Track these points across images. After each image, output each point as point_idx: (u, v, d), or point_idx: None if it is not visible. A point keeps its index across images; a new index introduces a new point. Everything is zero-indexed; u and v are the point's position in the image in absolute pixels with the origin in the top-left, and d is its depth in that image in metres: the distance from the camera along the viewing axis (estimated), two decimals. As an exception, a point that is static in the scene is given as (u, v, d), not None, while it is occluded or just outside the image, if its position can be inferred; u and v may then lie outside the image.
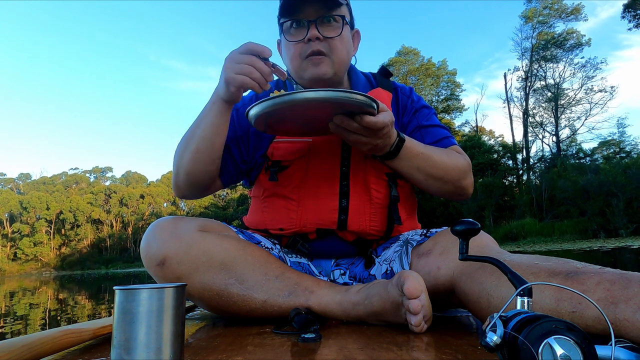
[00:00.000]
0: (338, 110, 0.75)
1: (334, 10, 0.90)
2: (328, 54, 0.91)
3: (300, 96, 0.69)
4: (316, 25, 0.89)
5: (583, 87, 25.98)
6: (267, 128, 0.83)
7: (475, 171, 24.89)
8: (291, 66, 0.96)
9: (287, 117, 0.77)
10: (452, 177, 0.91)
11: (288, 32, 0.92)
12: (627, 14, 23.26)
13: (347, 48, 0.95)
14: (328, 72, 0.91)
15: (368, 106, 0.73)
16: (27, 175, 60.41)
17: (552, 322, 0.37)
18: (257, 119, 0.76)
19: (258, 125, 0.80)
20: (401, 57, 30.88)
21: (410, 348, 0.59)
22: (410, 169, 0.89)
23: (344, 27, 0.92)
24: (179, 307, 0.50)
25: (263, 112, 0.73)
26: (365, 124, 0.75)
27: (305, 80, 0.94)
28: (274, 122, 0.80)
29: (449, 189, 0.93)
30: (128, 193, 52.64)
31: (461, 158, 0.95)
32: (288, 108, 0.72)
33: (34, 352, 0.56)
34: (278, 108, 0.72)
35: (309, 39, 0.89)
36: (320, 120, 0.79)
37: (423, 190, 0.97)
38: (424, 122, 1.01)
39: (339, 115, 0.76)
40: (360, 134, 0.78)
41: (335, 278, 0.98)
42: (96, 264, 44.75)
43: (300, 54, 0.91)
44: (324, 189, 0.93)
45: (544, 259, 0.66)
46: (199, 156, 0.88)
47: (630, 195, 16.53)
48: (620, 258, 6.67)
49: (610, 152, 24.33)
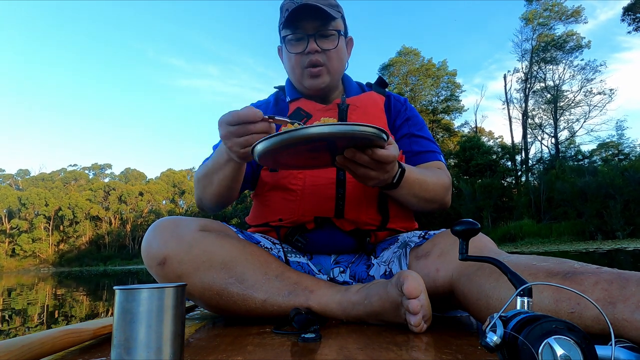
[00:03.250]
0: (348, 144, 0.72)
1: (330, 25, 0.98)
2: (325, 63, 1.00)
3: (313, 131, 0.65)
4: (315, 39, 0.98)
5: (582, 90, 26.08)
6: (274, 163, 0.79)
7: (474, 172, 25.01)
8: (292, 75, 1.05)
9: (295, 151, 0.73)
10: (439, 196, 0.95)
11: (289, 44, 1.01)
12: (627, 17, 23.31)
13: (342, 58, 1.05)
14: (325, 82, 1.01)
15: (379, 138, 0.70)
16: (26, 171, 60.29)
17: (552, 322, 0.37)
18: (265, 154, 0.71)
19: (265, 160, 0.74)
20: (401, 57, 30.91)
21: (410, 348, 0.59)
22: (406, 196, 0.91)
23: (339, 39, 1.01)
24: (179, 307, 0.50)
25: (272, 147, 0.68)
26: (377, 158, 0.73)
27: (305, 88, 1.04)
28: (282, 157, 0.75)
29: (433, 207, 0.97)
30: (127, 190, 52.58)
31: (444, 175, 0.99)
32: (299, 143, 0.67)
33: (34, 352, 0.56)
34: (289, 143, 0.67)
35: (308, 51, 0.98)
36: (328, 153, 0.76)
37: (409, 208, 1.01)
38: (415, 131, 1.07)
39: (350, 149, 0.73)
40: (370, 167, 0.76)
41: (335, 276, 0.99)
42: (94, 260, 44.70)
43: (300, 64, 1.00)
44: (322, 178, 0.96)
45: (541, 259, 0.67)
46: (221, 198, 0.96)
47: (627, 197, 16.57)
48: (616, 260, 6.69)
49: (608, 154, 24.38)
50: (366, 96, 1.08)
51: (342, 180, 0.96)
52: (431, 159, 1.04)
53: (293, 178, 0.97)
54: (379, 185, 0.84)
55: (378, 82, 1.16)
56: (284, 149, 0.70)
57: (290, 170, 0.97)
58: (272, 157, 0.73)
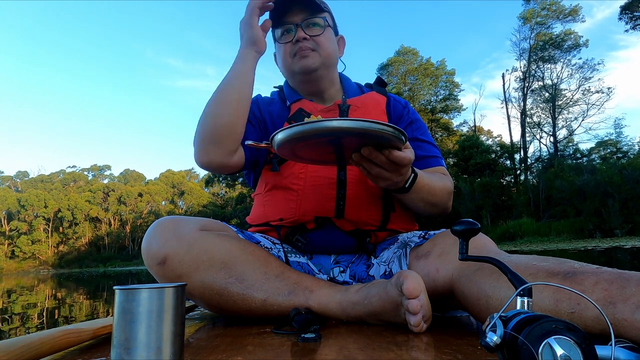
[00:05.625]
0: (366, 142, 0.73)
1: (316, 14, 1.01)
2: (315, 48, 1.01)
3: (335, 124, 0.66)
4: (302, 28, 1.00)
5: (580, 88, 26.10)
6: (290, 154, 0.80)
7: (473, 171, 25.02)
8: (284, 65, 1.05)
9: (313, 144, 0.74)
10: (443, 201, 0.97)
11: (280, 38, 1.04)
12: (624, 15, 23.34)
13: (332, 45, 1.05)
14: (315, 63, 1.01)
15: (397, 139, 0.70)
16: (25, 173, 60.14)
17: (552, 322, 0.37)
18: (285, 143, 0.73)
19: (282, 149, 0.76)
20: (400, 57, 30.90)
21: (410, 348, 0.59)
22: (415, 200, 0.92)
23: (326, 27, 1.03)
24: (179, 307, 0.50)
25: (293, 136, 0.70)
26: (393, 159, 0.74)
27: (296, 73, 1.03)
28: (300, 148, 0.76)
29: (437, 211, 0.98)
30: (126, 191, 52.49)
31: (448, 181, 1.00)
32: (320, 135, 0.68)
33: (34, 352, 0.56)
34: (310, 134, 0.68)
35: (296, 39, 1.00)
36: (344, 149, 0.77)
37: (414, 212, 1.02)
38: (418, 136, 1.08)
39: (368, 147, 0.74)
40: (385, 168, 0.77)
41: (335, 276, 0.99)
42: (94, 262, 44.61)
43: (290, 52, 1.02)
44: (322, 178, 0.96)
45: (541, 259, 0.67)
46: (226, 107, 0.93)
47: (626, 195, 16.59)
48: (614, 258, 6.71)
49: (607, 152, 24.42)
50: (367, 97, 1.08)
51: (343, 181, 0.96)
52: (434, 164, 1.04)
53: (294, 178, 0.97)
54: (390, 187, 0.85)
55: (377, 83, 1.16)
56: (303, 140, 0.71)
57: (291, 170, 0.97)
58: (290, 147, 0.75)
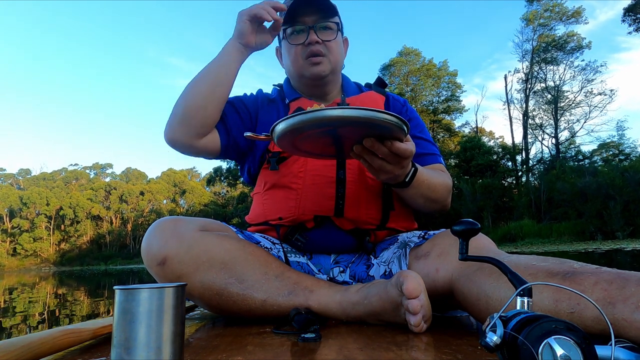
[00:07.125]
0: (368, 133, 0.72)
1: (329, 18, 1.01)
2: (326, 54, 1.01)
3: (336, 113, 0.64)
4: (315, 31, 0.99)
5: (583, 90, 26.02)
6: (290, 146, 0.78)
7: (475, 172, 24.98)
8: (293, 66, 1.04)
9: (314, 136, 0.72)
10: (442, 198, 0.96)
11: (290, 37, 1.02)
12: (628, 17, 23.27)
13: (341, 50, 1.07)
14: (326, 70, 1.01)
15: (399, 129, 0.69)
16: (27, 170, 60.31)
17: (552, 322, 0.37)
18: (286, 133, 0.70)
19: (283, 140, 0.74)
20: (402, 58, 30.87)
21: (410, 348, 0.59)
22: (414, 196, 0.92)
23: (337, 32, 1.03)
24: (179, 307, 0.50)
25: (295, 126, 0.68)
26: (395, 150, 0.73)
27: (306, 78, 1.03)
28: (300, 140, 0.74)
29: (436, 207, 0.98)
30: (128, 190, 52.60)
31: (447, 178, 1.00)
32: (322, 124, 0.66)
33: (34, 352, 0.56)
34: (312, 124, 0.66)
35: (309, 42, 0.99)
36: (345, 141, 0.76)
37: (413, 208, 1.02)
38: (416, 133, 1.07)
39: (370, 138, 0.72)
40: (387, 160, 0.76)
41: (335, 276, 0.99)
42: (95, 260, 44.71)
43: (301, 55, 1.01)
44: (322, 177, 0.96)
45: (541, 260, 0.67)
46: (197, 89, 0.95)
47: (627, 197, 16.54)
48: (615, 260, 6.69)
49: (609, 154, 24.34)
50: (366, 96, 1.09)
51: (342, 179, 0.96)
52: (433, 161, 1.04)
53: (293, 177, 0.97)
54: (390, 182, 0.85)
55: (377, 83, 1.16)
56: (305, 131, 0.69)
57: (291, 169, 0.97)
58: (291, 139, 0.73)
